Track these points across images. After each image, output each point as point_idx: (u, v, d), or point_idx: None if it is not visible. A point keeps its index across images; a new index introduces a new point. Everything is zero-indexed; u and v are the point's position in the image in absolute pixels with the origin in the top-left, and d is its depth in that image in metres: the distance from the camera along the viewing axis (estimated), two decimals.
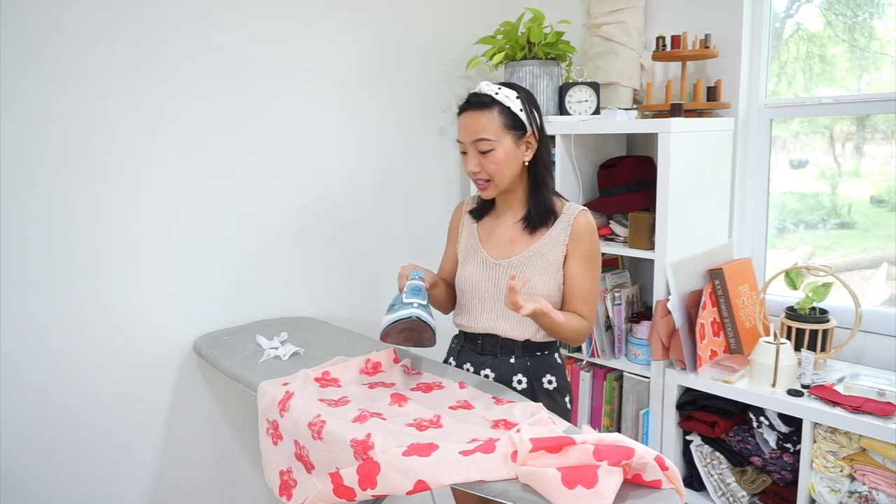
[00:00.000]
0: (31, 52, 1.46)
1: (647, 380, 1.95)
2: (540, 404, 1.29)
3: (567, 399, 1.57)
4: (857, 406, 1.55)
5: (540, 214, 1.48)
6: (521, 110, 1.44)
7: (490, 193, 1.49)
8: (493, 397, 1.35)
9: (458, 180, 2.43)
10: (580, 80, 2.11)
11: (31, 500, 1.57)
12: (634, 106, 2.17)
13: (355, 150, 2.12)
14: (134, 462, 1.74)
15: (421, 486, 1.05)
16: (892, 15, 1.85)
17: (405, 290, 1.43)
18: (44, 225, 1.52)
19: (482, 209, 1.59)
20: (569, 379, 1.60)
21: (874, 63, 1.91)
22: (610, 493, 0.95)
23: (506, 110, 1.42)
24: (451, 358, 1.62)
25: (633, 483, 1.01)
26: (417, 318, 1.37)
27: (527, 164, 1.47)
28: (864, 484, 1.56)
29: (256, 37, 1.83)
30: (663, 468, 1.00)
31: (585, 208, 1.50)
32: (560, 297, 1.49)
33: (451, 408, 1.32)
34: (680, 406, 1.89)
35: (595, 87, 2.09)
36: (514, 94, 1.44)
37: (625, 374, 2.02)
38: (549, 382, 1.53)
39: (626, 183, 2.00)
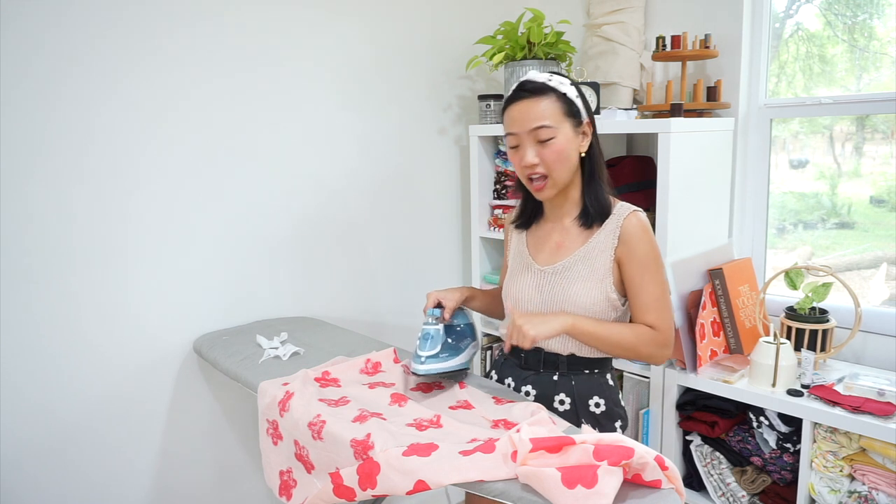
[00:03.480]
0: (29, 51, 1.46)
1: (647, 380, 1.95)
2: (539, 404, 1.28)
3: (619, 425, 1.43)
4: (857, 406, 1.55)
5: (597, 209, 1.37)
6: (577, 97, 1.34)
7: (548, 193, 1.36)
8: (493, 397, 1.35)
9: (458, 180, 2.43)
10: (580, 80, 2.11)
11: (31, 499, 1.57)
12: (634, 106, 2.17)
13: (355, 150, 2.12)
14: (134, 462, 1.74)
15: (421, 486, 1.05)
16: (892, 15, 1.85)
17: (419, 335, 1.41)
18: (43, 225, 1.52)
19: (528, 217, 1.49)
20: (623, 404, 1.47)
21: (874, 63, 1.91)
22: (610, 493, 0.95)
23: (562, 97, 1.31)
24: (494, 371, 1.55)
25: (632, 483, 1.01)
26: (425, 374, 1.37)
27: (583, 154, 1.36)
28: (863, 484, 1.56)
29: (257, 38, 1.83)
30: (663, 468, 1.00)
31: (638, 209, 1.37)
32: (608, 307, 1.36)
33: (450, 408, 1.32)
34: (680, 406, 1.89)
35: (595, 87, 2.09)
36: (567, 80, 1.34)
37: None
38: (597, 405, 1.41)
39: (627, 183, 2.00)
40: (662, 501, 0.99)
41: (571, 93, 1.33)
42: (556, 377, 1.41)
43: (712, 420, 1.82)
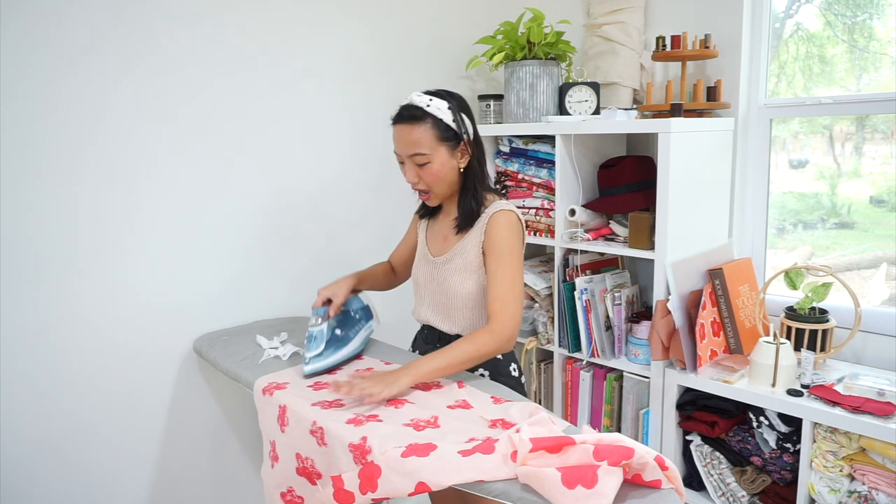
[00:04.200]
0: (30, 50, 1.46)
1: (647, 380, 1.95)
2: (537, 405, 1.29)
3: (512, 368, 1.58)
4: (857, 406, 1.55)
5: (465, 218, 1.51)
6: (454, 121, 1.45)
7: (432, 202, 1.54)
8: (492, 396, 1.35)
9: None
10: (580, 80, 2.11)
11: (31, 499, 1.57)
12: (634, 106, 2.17)
13: (354, 149, 2.12)
14: (134, 462, 1.74)
15: (422, 488, 1.05)
16: (892, 15, 1.85)
17: (305, 336, 1.51)
18: (43, 225, 1.52)
19: (429, 210, 1.65)
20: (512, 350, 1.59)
21: (874, 63, 1.91)
22: (610, 493, 0.95)
23: (438, 122, 1.43)
24: (411, 347, 1.73)
25: (632, 483, 1.01)
26: (310, 374, 1.47)
27: (461, 170, 1.50)
28: (863, 484, 1.56)
29: (257, 38, 1.83)
30: (663, 468, 1.00)
31: (508, 206, 1.49)
32: (483, 296, 1.52)
33: (448, 407, 1.32)
34: (680, 406, 1.89)
35: (595, 87, 2.09)
36: (445, 104, 1.44)
37: (625, 374, 2.02)
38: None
39: (626, 183, 2.01)
40: (662, 501, 0.99)
41: (447, 118, 1.43)
42: None
43: (712, 420, 1.82)
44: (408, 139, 1.44)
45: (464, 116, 1.47)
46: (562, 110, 2.12)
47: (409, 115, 1.44)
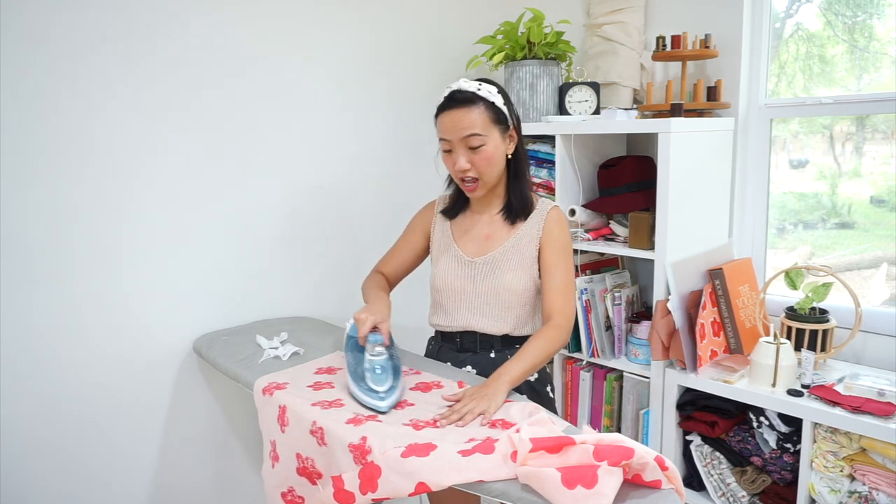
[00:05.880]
0: (29, 51, 1.46)
1: (647, 380, 1.95)
2: (537, 405, 1.29)
3: (549, 388, 1.59)
4: (857, 406, 1.55)
5: (520, 205, 1.50)
6: (504, 104, 1.45)
7: (479, 192, 1.48)
8: None
9: None
10: (580, 80, 2.11)
11: (31, 499, 1.57)
12: (634, 106, 2.17)
13: (354, 149, 2.12)
14: (134, 462, 1.74)
15: (422, 488, 1.05)
16: (892, 15, 1.85)
17: (368, 367, 1.34)
18: (43, 225, 1.52)
19: (455, 208, 1.59)
20: (548, 370, 1.62)
21: (874, 63, 1.91)
22: (610, 493, 0.95)
23: (490, 105, 1.42)
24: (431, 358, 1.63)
25: (632, 483, 1.01)
26: (389, 410, 1.30)
27: (509, 157, 1.49)
28: (864, 484, 1.56)
29: (256, 38, 1.83)
30: (663, 468, 1.00)
31: (557, 205, 1.53)
32: (535, 291, 1.51)
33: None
34: (680, 406, 1.89)
35: (595, 87, 2.09)
36: (494, 88, 1.44)
37: (625, 374, 2.02)
38: (531, 375, 1.51)
39: (626, 183, 2.00)
40: (662, 501, 0.99)
41: (499, 101, 1.43)
42: (492, 355, 1.53)
43: (712, 420, 1.82)
44: (462, 122, 1.40)
45: (509, 102, 1.47)
46: (562, 110, 2.12)
47: (461, 98, 1.41)
